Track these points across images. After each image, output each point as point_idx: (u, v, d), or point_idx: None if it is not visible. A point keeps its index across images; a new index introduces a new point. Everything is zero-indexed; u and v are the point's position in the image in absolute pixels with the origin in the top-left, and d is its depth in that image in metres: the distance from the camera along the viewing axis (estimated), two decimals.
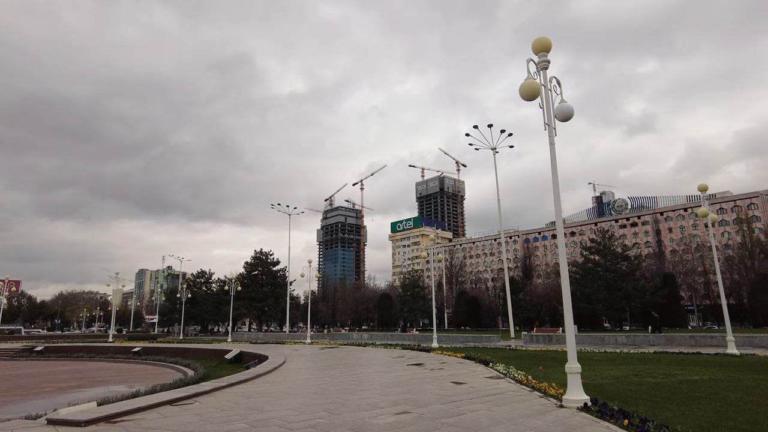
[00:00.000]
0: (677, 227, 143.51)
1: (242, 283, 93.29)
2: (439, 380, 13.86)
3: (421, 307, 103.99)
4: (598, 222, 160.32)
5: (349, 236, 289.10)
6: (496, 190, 50.99)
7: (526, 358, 22.64)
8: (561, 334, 37.50)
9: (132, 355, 36.18)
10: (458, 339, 40.97)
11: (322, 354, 27.41)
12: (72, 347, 41.80)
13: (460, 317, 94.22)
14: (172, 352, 37.21)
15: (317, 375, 15.70)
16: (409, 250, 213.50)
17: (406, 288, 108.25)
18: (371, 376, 15.05)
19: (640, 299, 70.36)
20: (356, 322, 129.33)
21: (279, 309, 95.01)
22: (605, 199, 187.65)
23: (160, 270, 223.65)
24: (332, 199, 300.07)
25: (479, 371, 16.30)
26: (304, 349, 33.53)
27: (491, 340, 40.20)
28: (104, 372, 27.13)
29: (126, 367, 30.40)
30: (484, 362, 19.08)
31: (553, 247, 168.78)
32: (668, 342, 29.33)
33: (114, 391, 16.89)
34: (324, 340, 48.40)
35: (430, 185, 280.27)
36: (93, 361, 35.69)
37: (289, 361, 21.26)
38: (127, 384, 20.93)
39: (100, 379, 23.42)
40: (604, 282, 72.68)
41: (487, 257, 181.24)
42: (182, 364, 28.08)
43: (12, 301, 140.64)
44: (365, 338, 48.89)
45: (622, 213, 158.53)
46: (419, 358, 22.29)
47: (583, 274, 77.24)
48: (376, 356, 24.51)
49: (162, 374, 24.88)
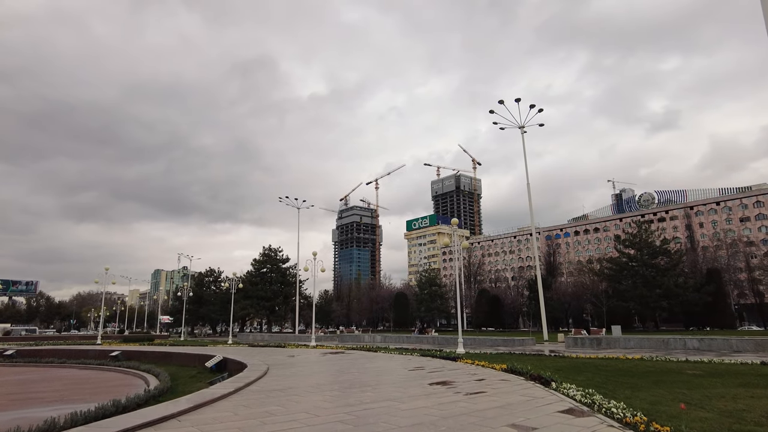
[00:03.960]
0: (709, 222, 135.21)
1: (250, 281, 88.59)
2: (488, 422, 8.22)
3: (439, 307, 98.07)
4: (624, 217, 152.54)
5: (364, 236, 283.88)
6: (525, 173, 45.03)
7: (589, 370, 16.83)
8: (610, 337, 31.43)
9: (108, 360, 31.26)
10: (485, 342, 35.11)
11: (320, 363, 21.90)
12: (47, 350, 37.01)
13: (481, 317, 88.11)
14: (154, 356, 32.42)
15: (289, 408, 10.12)
16: (425, 249, 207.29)
17: (422, 286, 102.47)
18: (375, 411, 9.43)
19: (682, 297, 63.51)
20: (371, 323, 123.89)
21: (289, 308, 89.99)
22: (625, 196, 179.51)
23: (176, 270, 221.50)
24: (347, 198, 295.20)
25: (542, 398, 10.60)
26: (303, 354, 28.09)
27: (525, 344, 34.29)
28: (54, 383, 22.07)
29: (88, 376, 25.34)
30: (541, 380, 13.35)
31: (575, 244, 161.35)
32: (759, 348, 23.14)
33: (21, 418, 12.23)
34: (332, 343, 42.96)
35: (445, 184, 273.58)
36: (60, 366, 30.82)
37: (269, 376, 15.78)
38: (62, 403, 15.86)
39: (37, 395, 18.27)
40: (642, 278, 66.01)
41: (506, 255, 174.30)
42: (153, 372, 23.16)
43: (31, 301, 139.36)
44: (377, 341, 43.26)
45: (649, 207, 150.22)
46: (444, 371, 16.65)
47: (617, 270, 70.69)
48: (387, 367, 18.91)
49: (121, 386, 19.87)
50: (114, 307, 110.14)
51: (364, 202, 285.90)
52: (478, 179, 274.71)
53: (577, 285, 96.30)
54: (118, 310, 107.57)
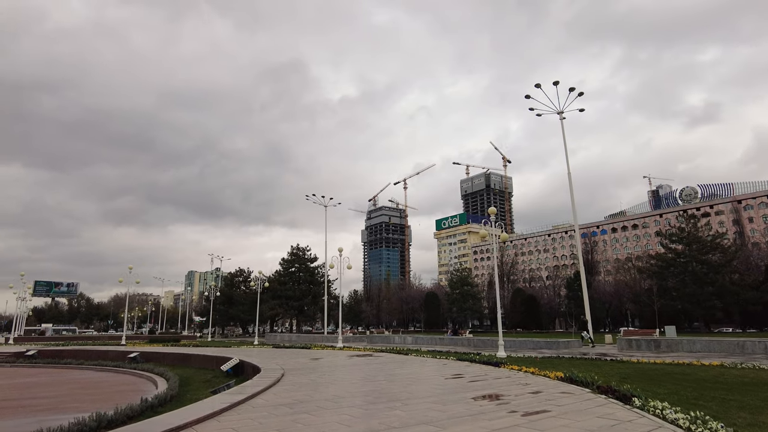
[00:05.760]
0: (759, 216, 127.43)
1: (279, 280, 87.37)
2: None
3: (472, 307, 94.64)
4: (664, 213, 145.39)
5: (393, 236, 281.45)
6: (566, 162, 41.64)
7: (666, 380, 13.90)
8: (670, 339, 28.02)
9: (125, 362, 29.83)
10: (526, 344, 32.12)
11: (344, 368, 19.55)
12: (67, 351, 35.99)
13: (516, 318, 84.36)
14: (173, 358, 30.93)
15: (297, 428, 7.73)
16: (455, 248, 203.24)
17: (454, 285, 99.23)
18: None
19: (740, 295, 58.53)
20: (401, 323, 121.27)
21: (318, 308, 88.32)
22: (662, 192, 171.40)
23: (209, 271, 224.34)
24: (376, 199, 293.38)
25: (630, 422, 7.88)
26: (328, 357, 25.83)
27: (571, 346, 31.18)
28: (59, 387, 20.45)
29: (99, 378, 23.74)
30: (614, 394, 10.57)
31: (613, 241, 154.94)
32: None
33: None
34: (360, 344, 40.64)
35: (475, 182, 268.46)
36: (76, 368, 29.56)
37: (282, 384, 13.50)
38: (51, 413, 14.03)
39: (31, 402, 16.55)
40: (691, 275, 61.29)
41: (540, 254, 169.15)
42: (166, 376, 21.44)
43: (72, 302, 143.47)
44: (408, 342, 40.67)
45: (691, 202, 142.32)
46: (489, 380, 14.03)
47: (663, 267, 66.01)
48: (421, 375, 16.40)
49: (128, 391, 18.10)
50: (145, 308, 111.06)
51: (393, 203, 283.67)
52: (509, 177, 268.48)
53: (617, 283, 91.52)
54: (149, 310, 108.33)
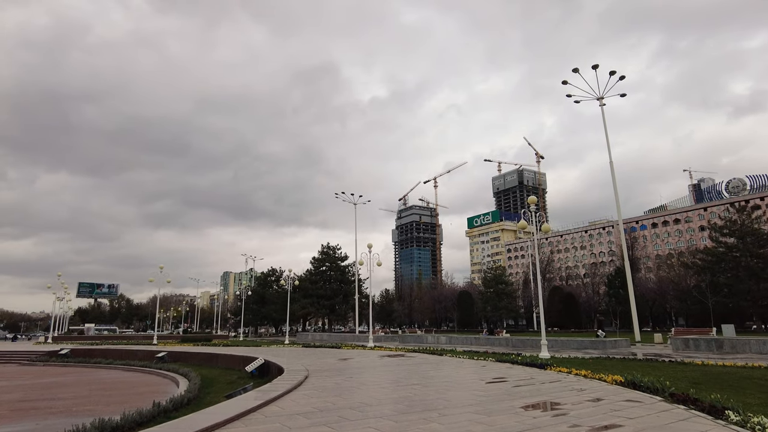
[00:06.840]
0: None
1: (310, 279, 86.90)
2: None
3: (507, 306, 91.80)
4: (708, 206, 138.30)
5: (424, 235, 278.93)
6: (608, 150, 39.08)
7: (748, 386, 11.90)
8: (734, 338, 25.46)
9: (153, 362, 29.38)
10: (569, 344, 29.98)
11: (374, 369, 18.13)
12: (99, 350, 35.97)
13: (554, 316, 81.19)
14: (200, 358, 30.46)
15: None
16: (487, 247, 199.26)
17: (488, 284, 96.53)
18: None
19: None
20: (434, 323, 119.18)
21: (349, 307, 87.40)
22: (704, 186, 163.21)
23: (243, 272, 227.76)
24: (406, 198, 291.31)
25: None
26: (358, 357, 24.49)
27: (619, 346, 28.91)
28: (81, 388, 19.78)
29: (124, 379, 23.10)
30: (696, 404, 8.77)
31: (653, 237, 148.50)
32: None
33: None
34: (392, 344, 39.19)
35: (507, 179, 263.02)
36: (105, 367, 29.28)
37: (304, 388, 12.17)
38: (60, 416, 13.22)
39: (47, 404, 15.81)
40: (747, 270, 57.27)
41: (577, 251, 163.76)
42: (190, 377, 20.56)
43: (113, 303, 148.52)
44: (442, 342, 38.95)
45: (739, 195, 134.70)
46: (536, 384, 12.34)
47: (713, 262, 61.99)
48: (458, 378, 14.81)
49: (148, 393, 17.15)
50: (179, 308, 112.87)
51: (423, 201, 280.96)
52: (543, 173, 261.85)
53: (660, 280, 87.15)
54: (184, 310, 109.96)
